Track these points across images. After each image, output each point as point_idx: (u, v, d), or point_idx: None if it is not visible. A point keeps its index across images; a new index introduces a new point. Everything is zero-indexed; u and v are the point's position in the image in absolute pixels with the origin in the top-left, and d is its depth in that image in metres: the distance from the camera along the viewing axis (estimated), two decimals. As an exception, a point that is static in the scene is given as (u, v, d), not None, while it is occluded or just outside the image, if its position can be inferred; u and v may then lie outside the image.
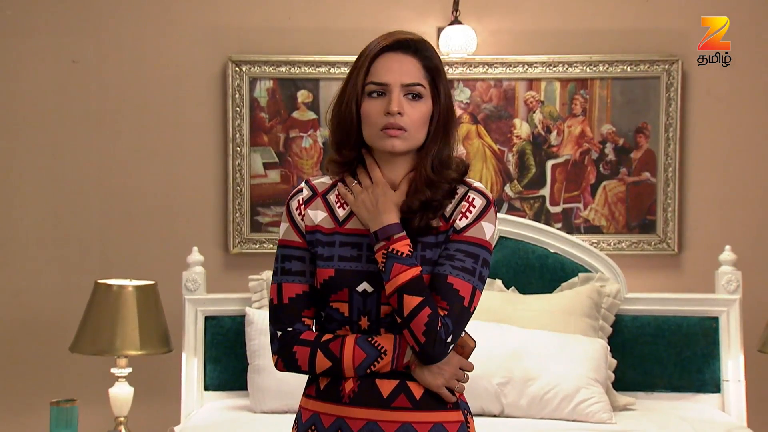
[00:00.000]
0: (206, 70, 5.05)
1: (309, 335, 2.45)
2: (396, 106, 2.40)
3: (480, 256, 2.41)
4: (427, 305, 2.33)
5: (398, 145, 2.42)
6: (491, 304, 4.46)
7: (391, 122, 2.41)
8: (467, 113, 5.03)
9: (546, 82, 5.04)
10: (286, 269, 2.49)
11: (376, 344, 2.40)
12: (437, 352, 2.35)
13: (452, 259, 2.39)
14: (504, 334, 4.34)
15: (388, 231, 2.39)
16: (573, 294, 4.58)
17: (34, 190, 5.04)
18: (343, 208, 2.50)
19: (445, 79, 2.47)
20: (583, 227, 5.04)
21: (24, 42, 5.02)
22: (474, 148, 5.03)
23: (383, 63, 2.44)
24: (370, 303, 2.42)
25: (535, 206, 5.04)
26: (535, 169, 5.04)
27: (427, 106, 2.44)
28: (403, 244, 2.38)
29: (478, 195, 2.45)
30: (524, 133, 5.04)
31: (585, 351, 4.33)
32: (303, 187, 2.54)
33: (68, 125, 5.04)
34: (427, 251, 2.42)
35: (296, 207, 2.51)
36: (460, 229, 2.42)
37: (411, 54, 2.44)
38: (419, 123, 2.43)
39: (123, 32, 5.05)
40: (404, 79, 2.42)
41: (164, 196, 5.04)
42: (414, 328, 2.33)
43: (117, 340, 4.40)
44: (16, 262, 5.04)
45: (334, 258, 2.45)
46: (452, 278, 2.37)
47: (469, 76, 5.03)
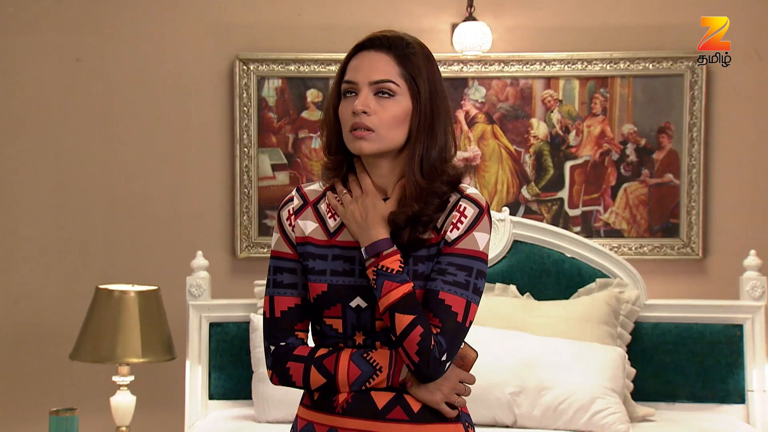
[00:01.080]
0: (213, 68, 5.03)
1: (303, 350, 2.43)
2: (360, 104, 2.36)
3: (473, 268, 2.37)
4: (419, 324, 2.30)
5: (365, 146, 2.37)
6: (504, 311, 4.44)
7: (357, 122, 2.37)
8: (482, 113, 5.00)
9: (564, 80, 5.00)
10: (278, 281, 2.48)
11: (372, 360, 2.37)
12: (432, 371, 2.32)
13: (444, 274, 2.35)
14: (517, 341, 4.31)
15: (377, 247, 2.35)
16: (590, 300, 4.54)
17: (36, 193, 5.04)
18: (334, 219, 2.46)
19: (429, 76, 2.40)
20: (603, 231, 5.00)
21: (26, 40, 5.02)
22: (489, 148, 5.01)
23: (355, 62, 2.42)
24: (365, 318, 2.40)
25: (553, 209, 5.00)
26: (553, 170, 5.01)
27: (401, 105, 2.38)
28: (393, 260, 2.34)
29: (470, 203, 2.40)
30: (542, 133, 5.01)
31: (601, 359, 4.29)
32: (294, 195, 2.51)
33: (71, 126, 5.04)
34: (419, 265, 2.38)
35: (287, 217, 2.49)
36: (452, 241, 2.37)
37: (384, 51, 2.40)
38: (390, 123, 2.37)
39: (128, 30, 5.05)
40: (372, 76, 2.37)
41: (169, 199, 5.03)
42: (407, 348, 2.30)
43: (118, 347, 4.39)
44: (17, 267, 5.04)
45: (327, 272, 2.42)
46: (444, 294, 2.33)
47: (485, 75, 5.00)
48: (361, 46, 2.43)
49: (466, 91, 4.99)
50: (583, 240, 4.74)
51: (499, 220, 4.69)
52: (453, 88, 4.97)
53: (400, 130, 2.38)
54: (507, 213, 4.73)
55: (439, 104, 2.41)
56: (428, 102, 2.39)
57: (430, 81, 2.40)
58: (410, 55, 2.39)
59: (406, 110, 2.38)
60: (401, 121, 2.38)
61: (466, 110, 5.00)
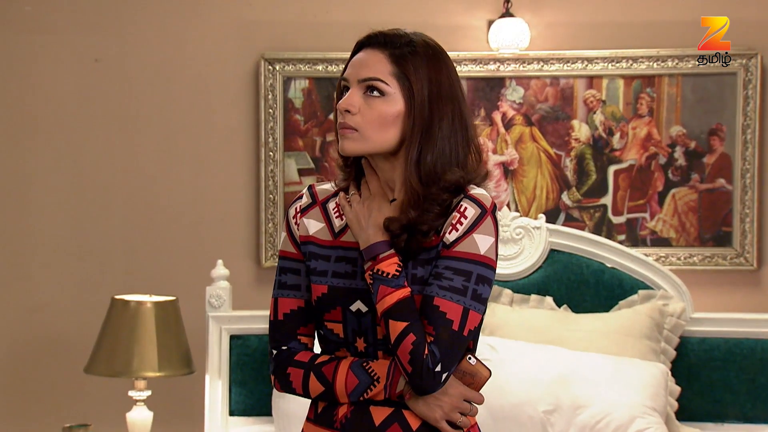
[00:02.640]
0: (237, 68, 5.03)
1: (304, 356, 2.44)
2: (344, 103, 2.36)
3: (473, 272, 2.32)
4: (412, 331, 2.27)
5: (348, 146, 2.36)
6: (539, 324, 4.41)
7: (341, 121, 2.37)
8: (520, 114, 4.96)
9: (608, 80, 4.95)
10: (283, 282, 2.50)
11: (370, 370, 2.37)
12: (426, 383, 2.29)
13: (440, 278, 2.32)
14: (552, 356, 4.26)
15: (373, 250, 2.34)
16: (631, 313, 4.48)
17: (53, 198, 5.04)
18: (341, 218, 2.47)
19: (431, 76, 2.36)
20: (650, 239, 4.94)
21: (43, 39, 5.03)
22: (528, 152, 4.96)
23: (352, 59, 2.42)
24: (365, 323, 2.39)
25: (595, 216, 4.95)
26: (595, 175, 4.95)
27: (391, 105, 2.35)
28: (390, 264, 2.32)
29: (472, 204, 2.34)
30: (583, 135, 4.95)
31: (642, 376, 4.22)
32: (304, 193, 2.53)
33: (89, 129, 5.04)
34: (419, 269, 2.36)
35: (293, 215, 2.51)
36: (450, 243, 2.34)
37: (379, 48, 2.38)
38: (376, 123, 2.35)
39: (148, 29, 5.05)
40: (361, 73, 2.36)
41: (191, 205, 5.02)
42: (400, 356, 2.29)
43: (134, 360, 4.39)
44: (33, 277, 5.05)
45: (328, 273, 2.43)
46: (439, 300, 2.30)
47: (523, 74, 4.95)
48: (360, 43, 2.43)
49: (503, 91, 4.95)
50: (625, 249, 4.68)
51: (535, 227, 4.65)
52: (489, 88, 4.94)
53: (390, 132, 2.36)
54: (543, 220, 4.68)
55: (443, 107, 2.37)
56: (425, 104, 2.35)
57: (432, 82, 2.36)
58: (407, 54, 2.36)
59: (397, 111, 2.35)
60: (390, 123, 2.35)
61: (503, 111, 4.96)
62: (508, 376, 4.14)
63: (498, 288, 4.56)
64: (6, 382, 5.05)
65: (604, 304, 4.60)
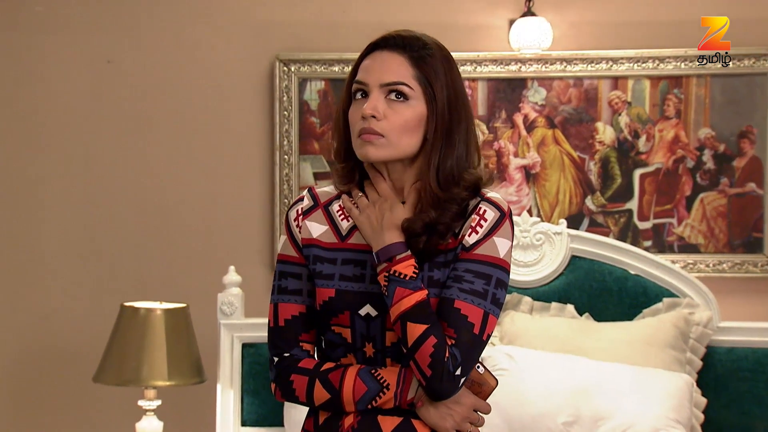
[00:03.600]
0: (251, 70, 5.03)
1: (308, 363, 2.43)
2: (370, 108, 2.35)
3: (493, 276, 2.35)
4: (432, 334, 2.28)
5: (372, 152, 2.37)
6: (560, 333, 4.37)
7: (365, 127, 2.36)
8: (543, 116, 4.95)
9: (634, 80, 4.93)
10: (283, 287, 2.49)
11: (379, 377, 2.36)
12: (445, 387, 2.30)
13: (460, 281, 2.34)
14: (572, 366, 4.22)
15: (390, 251, 2.35)
16: (656, 322, 4.43)
17: (64, 203, 5.06)
18: (347, 220, 2.47)
19: (447, 80, 2.40)
20: (677, 246, 4.92)
21: (54, 40, 5.04)
22: (550, 155, 4.94)
23: (368, 62, 2.41)
24: (374, 328, 2.39)
25: (620, 221, 4.92)
26: (620, 179, 4.93)
27: (415, 110, 2.38)
28: (407, 265, 2.33)
29: (491, 207, 2.39)
30: (608, 138, 4.93)
31: (666, 387, 4.17)
32: (305, 195, 2.53)
33: (101, 132, 5.05)
34: (435, 271, 2.38)
35: (294, 218, 2.50)
36: (470, 246, 2.36)
37: (398, 51, 2.39)
38: (402, 128, 2.37)
39: (161, 30, 5.06)
40: (384, 77, 2.36)
41: (204, 210, 5.03)
42: (419, 360, 2.29)
43: (144, 369, 4.38)
44: (43, 283, 5.06)
45: (335, 277, 2.43)
46: (460, 302, 2.32)
47: (545, 75, 4.94)
48: (374, 45, 2.43)
49: (524, 92, 4.94)
50: (649, 255, 4.63)
51: (556, 233, 4.61)
52: (510, 90, 4.93)
53: (413, 137, 2.39)
54: (564, 226, 4.64)
55: (460, 110, 2.41)
56: (446, 108, 2.38)
57: (449, 85, 2.40)
58: (426, 57, 2.39)
59: (420, 116, 2.38)
60: (414, 127, 2.38)
61: (525, 113, 4.94)
62: (526, 386, 4.11)
63: (517, 295, 4.54)
64: (15, 390, 5.06)
65: (628, 313, 4.55)
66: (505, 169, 4.91)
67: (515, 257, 4.55)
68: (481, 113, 4.91)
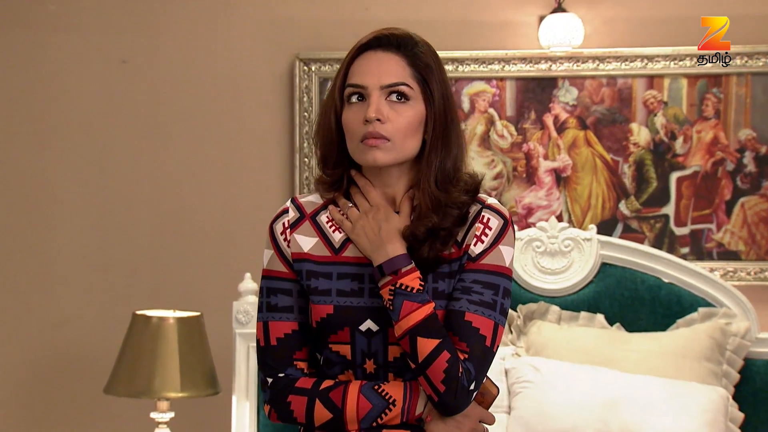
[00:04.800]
0: (270, 69, 5.03)
1: (305, 382, 2.41)
2: (374, 111, 2.34)
3: (500, 286, 2.38)
4: (445, 348, 2.29)
5: (380, 157, 2.36)
6: (589, 344, 4.35)
7: (370, 131, 2.35)
8: (574, 117, 4.92)
9: (670, 79, 4.90)
10: (272, 305, 2.46)
11: (384, 393, 2.36)
12: (460, 401, 2.32)
13: (469, 293, 2.36)
14: (601, 379, 4.18)
15: (395, 264, 2.34)
16: (690, 333, 4.39)
17: (77, 208, 5.06)
18: (339, 231, 2.45)
19: (440, 78, 2.42)
20: (716, 252, 4.88)
21: (68, 40, 5.05)
22: (582, 157, 4.91)
23: (361, 63, 2.40)
24: (376, 344, 2.39)
25: (656, 227, 4.89)
26: (656, 182, 4.90)
27: (416, 110, 2.39)
28: (413, 278, 2.33)
29: (494, 214, 2.41)
30: (643, 139, 4.89)
31: (699, 401, 4.12)
32: (289, 206, 2.50)
33: (116, 134, 5.05)
34: (440, 282, 2.39)
35: (281, 231, 2.47)
36: (476, 256, 2.38)
37: (393, 51, 2.40)
38: (406, 130, 2.37)
39: (177, 28, 5.06)
40: (384, 79, 2.36)
41: (220, 215, 5.02)
42: (431, 376, 2.29)
43: (156, 380, 4.35)
44: (55, 291, 5.06)
45: (332, 292, 2.41)
46: (471, 315, 2.34)
47: (576, 73, 4.91)
48: (366, 45, 2.41)
49: (555, 92, 4.91)
50: (684, 263, 4.60)
51: (585, 239, 4.58)
52: (540, 89, 4.91)
53: (415, 139, 2.40)
54: (594, 231, 4.61)
55: (452, 108, 2.44)
56: (442, 106, 2.41)
57: (442, 83, 2.42)
58: (420, 55, 2.41)
59: (421, 116, 2.40)
60: (416, 128, 2.39)
61: (555, 114, 4.92)
62: (552, 399, 4.09)
63: (545, 304, 4.51)
64: (24, 402, 5.07)
65: (661, 323, 4.52)
66: (535, 172, 4.88)
67: (542, 264, 4.56)
68: (510, 114, 4.90)
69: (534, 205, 4.87)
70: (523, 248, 4.56)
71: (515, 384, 4.19)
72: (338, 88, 2.42)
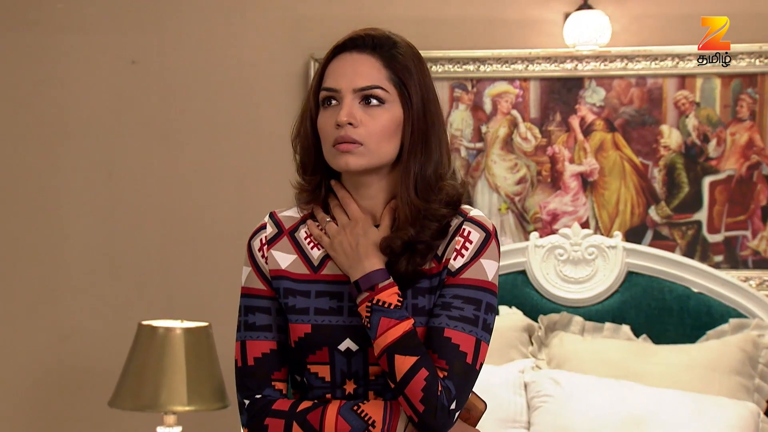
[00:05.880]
0: (285, 69, 5.03)
1: (283, 404, 2.38)
2: (345, 115, 2.33)
3: (482, 301, 2.36)
4: (423, 366, 2.27)
5: (353, 162, 2.35)
6: (614, 356, 4.34)
7: (342, 135, 2.34)
8: (601, 119, 4.89)
9: (702, 79, 4.86)
10: (250, 324, 2.45)
11: (363, 414, 2.33)
12: (440, 422, 2.28)
13: (449, 308, 2.34)
14: (625, 393, 4.16)
15: (371, 279, 2.33)
16: (720, 345, 4.37)
17: (85, 214, 5.07)
18: (318, 248, 2.45)
19: (421, 80, 2.41)
20: (752, 261, 4.84)
21: (75, 39, 5.06)
22: (610, 161, 4.88)
23: (336, 66, 2.40)
24: (356, 363, 2.38)
25: (688, 234, 4.85)
26: (688, 187, 4.87)
27: (393, 114, 2.38)
28: (391, 294, 2.32)
29: (475, 227, 2.39)
30: (674, 142, 4.86)
31: (728, 417, 4.08)
32: (266, 222, 2.51)
33: (125, 137, 5.07)
34: (419, 298, 2.37)
35: (258, 248, 2.47)
36: (456, 270, 2.37)
37: (368, 52, 2.38)
38: (380, 135, 2.36)
39: (189, 28, 5.07)
40: (357, 82, 2.35)
41: (233, 221, 5.01)
42: (410, 395, 2.27)
43: (162, 393, 4.34)
44: (64, 301, 5.07)
45: (310, 311, 2.40)
46: (450, 331, 2.32)
47: (604, 73, 4.89)
48: (341, 47, 2.41)
49: (581, 93, 4.89)
50: (714, 272, 4.57)
51: (610, 247, 4.57)
52: (566, 90, 4.88)
53: (391, 143, 2.39)
54: (619, 238, 4.60)
55: (434, 112, 2.43)
56: (421, 110, 2.40)
57: (422, 85, 2.41)
58: (398, 56, 2.39)
59: (397, 120, 2.38)
60: (392, 133, 2.38)
61: (582, 116, 4.88)
62: (573, 415, 4.08)
63: (567, 315, 4.51)
64: (30, 415, 5.09)
65: (690, 335, 4.51)
66: (560, 177, 4.85)
67: (565, 273, 4.56)
68: (534, 116, 4.88)
69: (559, 211, 4.83)
70: (545, 256, 4.57)
71: (534, 398, 4.18)
72: (313, 91, 2.42)
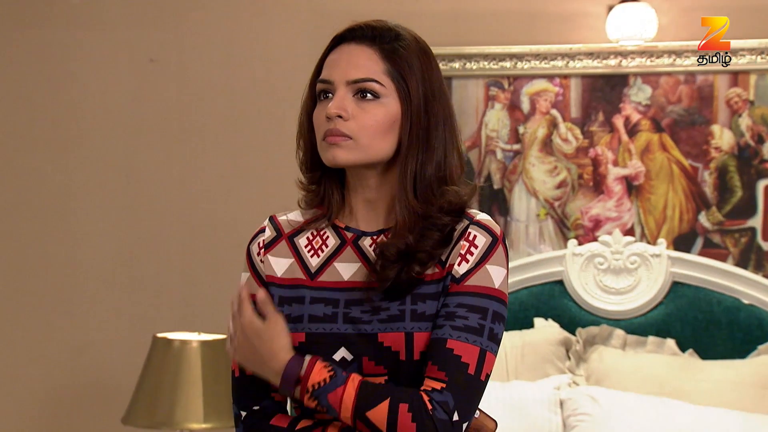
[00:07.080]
0: (309, 67, 4.77)
1: (281, 420, 2.37)
2: (335, 107, 2.32)
3: (489, 309, 2.31)
4: (398, 402, 2.23)
5: (340, 156, 2.32)
6: (657, 372, 4.33)
7: (331, 128, 2.33)
8: (647, 118, 4.86)
9: (757, 76, 4.82)
10: None
11: None
12: None
13: (452, 318, 2.30)
14: (669, 411, 4.15)
15: (290, 375, 2.27)
16: None
17: (101, 221, 5.10)
18: (317, 256, 2.42)
19: (424, 75, 2.37)
20: None
21: (92, 37, 5.10)
22: (657, 164, 4.84)
23: (333, 57, 2.39)
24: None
25: (741, 241, 4.80)
26: (741, 191, 4.82)
27: (389, 109, 2.35)
28: (318, 371, 2.26)
29: (481, 231, 2.35)
30: (726, 143, 4.82)
31: (780, 438, 4.06)
32: (266, 225, 2.53)
33: (143, 139, 5.10)
34: (419, 304, 2.32)
35: (257, 252, 2.49)
36: (460, 277, 2.32)
37: (367, 43, 2.36)
38: (373, 130, 2.33)
39: (209, 25, 5.11)
40: (350, 74, 2.33)
41: (252, 227, 4.85)
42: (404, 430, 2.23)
43: (177, 409, 4.35)
44: (79, 312, 5.09)
45: (304, 319, 2.37)
46: (453, 342, 2.28)
47: (650, 70, 4.86)
48: (340, 37, 2.40)
49: (625, 91, 4.86)
50: (766, 282, 4.54)
51: (653, 255, 4.55)
52: (609, 88, 4.87)
53: (387, 140, 2.36)
54: (663, 246, 4.58)
55: (438, 109, 2.39)
56: (422, 106, 2.36)
57: (426, 81, 2.37)
58: (399, 49, 2.36)
59: (394, 115, 2.36)
60: (387, 129, 2.35)
61: (626, 115, 4.85)
62: None
63: (608, 328, 4.49)
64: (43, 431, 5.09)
65: (739, 349, 4.48)
66: (603, 180, 4.82)
67: (605, 283, 4.53)
68: (575, 115, 4.85)
69: (602, 216, 4.78)
70: (583, 265, 4.54)
71: (571, 417, 4.14)
72: (311, 84, 2.41)
